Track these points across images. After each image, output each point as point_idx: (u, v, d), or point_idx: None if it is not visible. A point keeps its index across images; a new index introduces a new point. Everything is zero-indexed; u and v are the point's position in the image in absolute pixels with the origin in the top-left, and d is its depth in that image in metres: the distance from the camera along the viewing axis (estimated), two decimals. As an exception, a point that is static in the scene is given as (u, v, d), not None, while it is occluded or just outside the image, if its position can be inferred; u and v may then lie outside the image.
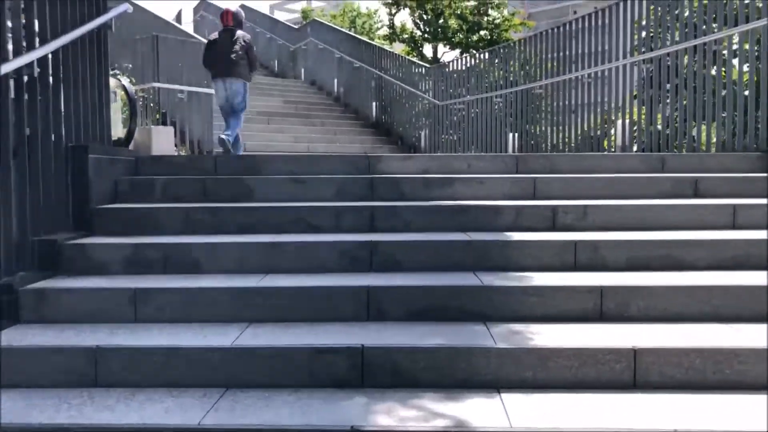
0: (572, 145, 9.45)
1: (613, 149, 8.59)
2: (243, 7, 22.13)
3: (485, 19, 14.79)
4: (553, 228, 4.80)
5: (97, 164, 4.87)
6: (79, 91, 4.91)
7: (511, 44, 11.11)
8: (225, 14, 9.22)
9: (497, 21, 14.93)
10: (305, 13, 22.54)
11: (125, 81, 10.07)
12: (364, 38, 15.49)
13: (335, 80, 16.13)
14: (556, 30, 9.86)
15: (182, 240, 4.47)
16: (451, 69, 12.67)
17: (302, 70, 17.72)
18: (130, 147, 10.31)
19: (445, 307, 3.81)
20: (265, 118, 13.30)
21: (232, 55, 8.82)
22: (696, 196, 5.35)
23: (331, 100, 15.86)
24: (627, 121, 8.49)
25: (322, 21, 17.71)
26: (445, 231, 4.75)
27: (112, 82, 10.28)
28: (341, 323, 3.74)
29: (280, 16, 67.58)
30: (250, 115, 13.19)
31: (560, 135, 9.74)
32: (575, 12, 72.72)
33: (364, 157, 5.86)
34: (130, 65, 11.37)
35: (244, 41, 8.92)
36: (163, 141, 10.11)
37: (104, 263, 4.31)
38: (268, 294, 3.85)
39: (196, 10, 25.91)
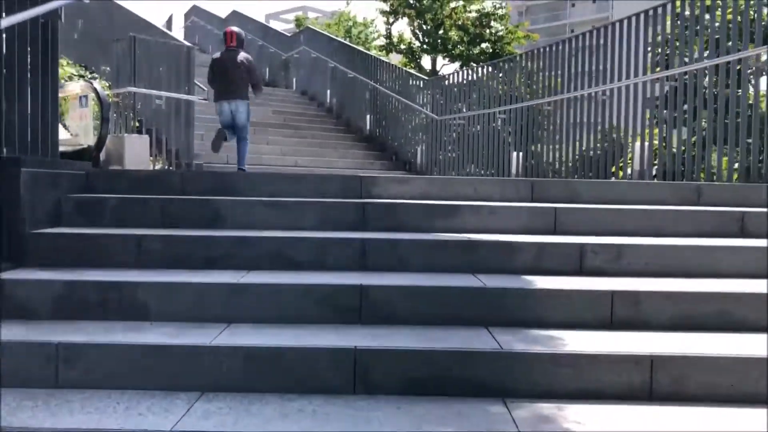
0: (584, 167, 8.65)
1: (630, 174, 7.80)
2: (235, 13, 21.37)
3: (487, 31, 14.08)
4: (581, 271, 3.98)
5: (34, 180, 4.01)
6: (14, 92, 4.07)
7: (517, 57, 10.34)
8: (229, 35, 9.36)
9: (500, 33, 14.19)
10: (299, 21, 21.72)
11: (97, 84, 9.23)
12: (360, 48, 14.74)
13: (328, 91, 15.33)
14: (566, 43, 9.10)
15: (129, 277, 3.61)
16: (450, 82, 11.89)
17: (294, 80, 16.92)
18: (102, 156, 9.47)
19: (452, 378, 2.97)
20: (251, 128, 12.44)
21: (237, 79, 9.09)
22: (744, 234, 4.54)
23: (323, 112, 15.06)
24: (646, 143, 7.71)
25: (315, 29, 16.95)
26: (452, 271, 3.92)
27: (83, 85, 9.45)
28: (321, 397, 2.90)
29: (276, 26, 67.02)
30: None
31: (569, 156, 8.95)
32: (572, 30, 72.34)
33: (356, 178, 5.03)
34: (109, 68, 10.55)
35: (248, 62, 9.21)
36: (137, 151, 9.27)
37: (29, 305, 3.45)
38: (227, 354, 3.00)
39: (187, 15, 25.12)
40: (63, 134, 9.65)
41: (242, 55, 9.21)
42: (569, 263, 3.99)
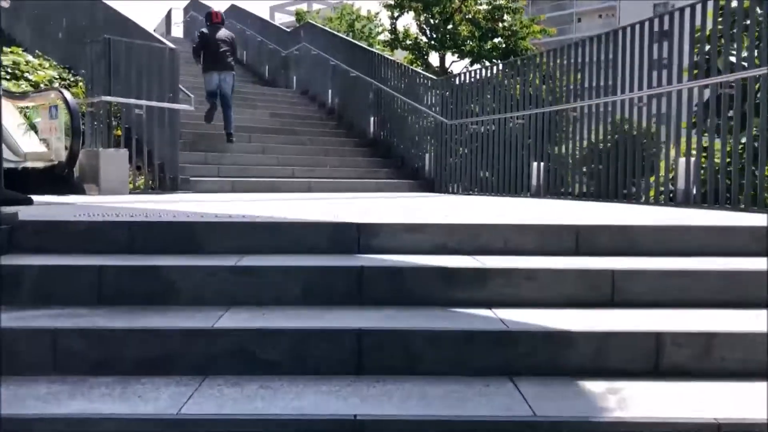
0: (614, 185, 7.52)
1: (672, 195, 6.66)
2: (234, 7, 20.17)
3: (500, 25, 12.87)
4: (657, 371, 2.87)
5: None
6: None
7: (538, 55, 9.19)
8: (214, 14, 11.00)
9: (514, 27, 12.98)
10: (300, 16, 20.47)
11: (67, 93, 8.15)
12: (363, 44, 13.57)
13: (329, 90, 14.19)
14: (595, 40, 7.94)
15: (26, 396, 2.52)
16: (461, 82, 10.75)
17: (294, 78, 15.77)
18: (75, 173, 8.40)
19: None
20: (246, 135, 11.34)
21: (225, 52, 10.50)
22: None
23: (324, 113, 13.92)
24: (692, 159, 6.57)
25: (315, 24, 15.77)
26: (481, 375, 2.82)
27: (53, 94, 8.36)
28: None
29: (280, 18, 65.68)
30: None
31: (601, 171, 7.80)
32: (579, 19, 70.92)
33: (352, 226, 3.91)
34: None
35: (231, 39, 10.73)
36: (114, 168, 8.21)
37: None
38: None
39: (186, 10, 23.96)
40: (38, 147, 8.59)
41: (226, 32, 10.68)
42: (642, 361, 2.88)
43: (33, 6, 14.18)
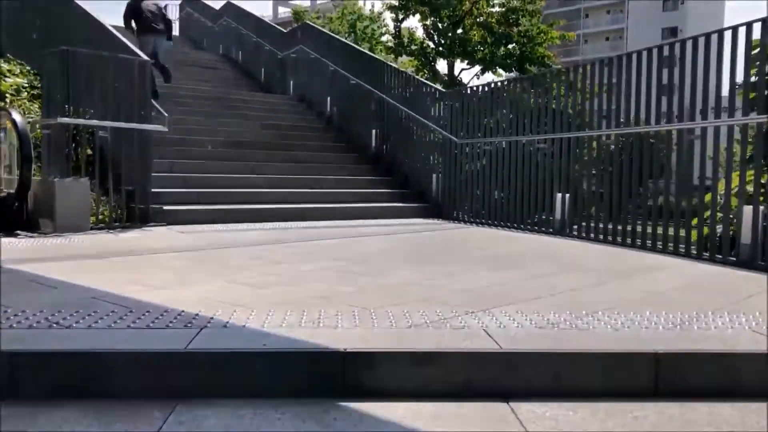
0: (649, 235, 6.29)
1: (736, 253, 5.43)
2: (230, 5, 18.91)
3: (515, 29, 11.56)
4: None
5: None
6: None
7: (569, 70, 7.94)
8: None
9: (531, 33, 11.64)
10: (297, 15, 18.99)
11: (16, 113, 6.95)
12: (364, 48, 12.33)
13: (328, 98, 12.95)
14: (645, 54, 6.70)
15: None
16: (474, 93, 9.51)
17: (291, 83, 14.52)
18: (29, 206, 7.20)
19: None
20: (234, 151, 10.12)
21: (158, 19, 11.37)
22: None
23: (322, 123, 12.68)
24: (761, 208, 5.33)
25: (313, 25, 14.47)
26: None
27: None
28: None
29: (284, 12, 64.01)
30: (214, 147, 10.07)
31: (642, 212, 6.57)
32: (587, 15, 69.45)
33: (336, 356, 2.68)
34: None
35: (157, 7, 11.57)
36: (73, 200, 7.00)
37: None
38: None
39: (181, 6, 22.69)
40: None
41: (153, 2, 11.52)
42: None
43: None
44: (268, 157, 10.30)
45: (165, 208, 7.77)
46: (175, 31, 23.96)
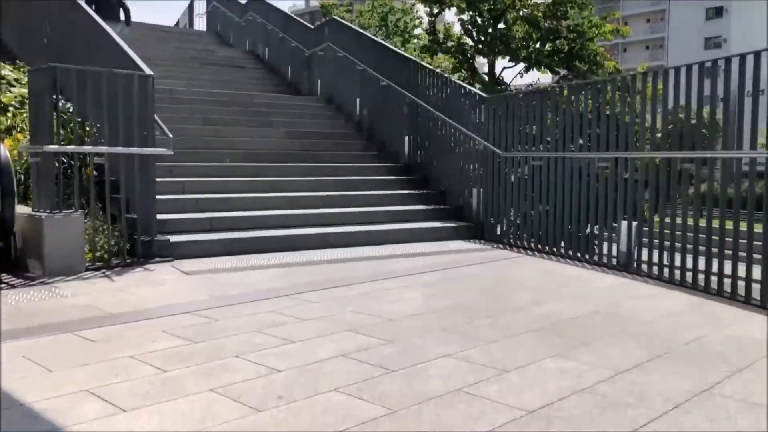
0: None
1: None
2: (256, -2, 17.82)
3: (563, 24, 10.22)
4: None
5: None
6: None
7: (640, 78, 6.72)
8: None
9: (581, 27, 10.29)
10: (325, 9, 17.73)
11: (-4, 143, 5.98)
12: (396, 42, 11.19)
13: (357, 100, 11.85)
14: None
15: None
16: (521, 98, 8.32)
17: (318, 83, 13.42)
18: (18, 243, 6.28)
19: None
20: (253, 166, 9.09)
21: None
22: None
23: (351, 128, 11.58)
24: None
25: (341, 21, 13.33)
26: None
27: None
28: None
29: (316, 4, 62.74)
30: (233, 160, 9.08)
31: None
32: (626, 23, 67.26)
33: None
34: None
35: None
36: (64, 238, 6.04)
37: None
38: None
39: (208, 0, 21.71)
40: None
41: None
42: None
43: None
44: (291, 171, 9.25)
45: (172, 240, 6.78)
46: (199, 26, 23.22)
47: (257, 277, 6.10)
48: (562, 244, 7.32)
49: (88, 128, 7.04)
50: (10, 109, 9.01)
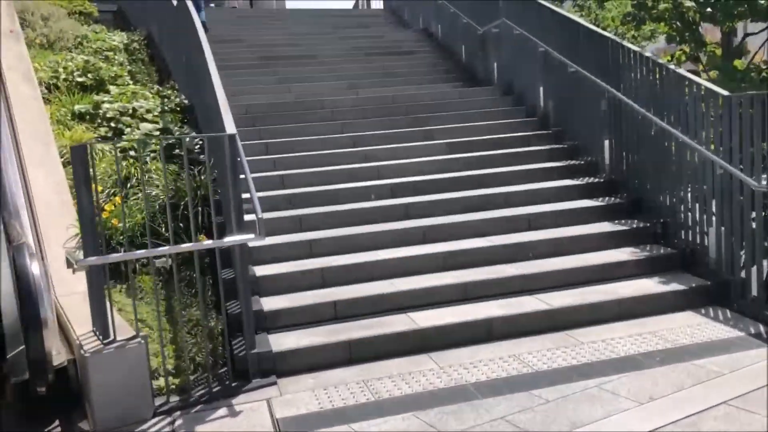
0: None
1: None
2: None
3: None
4: None
5: None
6: None
7: None
8: None
9: None
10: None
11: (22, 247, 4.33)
12: (587, 23, 8.24)
13: (540, 90, 9.11)
14: None
15: None
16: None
17: (494, 67, 10.77)
18: (77, 376, 4.67)
19: None
20: (403, 205, 6.86)
21: None
22: None
23: (534, 128, 8.84)
24: None
25: (517, -10, 10.50)
26: None
27: None
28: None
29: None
30: (379, 197, 6.97)
31: None
32: None
33: None
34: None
35: None
36: (119, 377, 4.42)
37: None
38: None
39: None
40: None
41: None
42: None
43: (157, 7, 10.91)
44: (449, 206, 6.89)
45: (277, 350, 4.81)
46: (379, 4, 21.06)
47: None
48: None
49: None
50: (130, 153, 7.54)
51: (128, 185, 6.76)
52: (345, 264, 5.82)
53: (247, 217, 4.89)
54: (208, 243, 4.78)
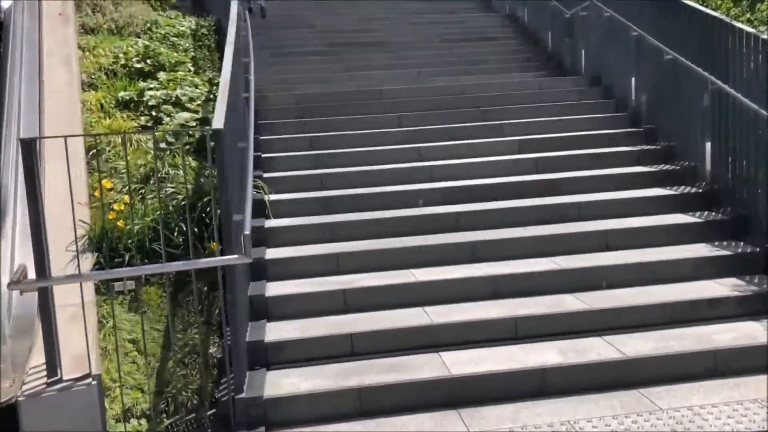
0: None
1: None
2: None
3: None
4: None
5: None
6: None
7: None
8: None
9: None
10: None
11: None
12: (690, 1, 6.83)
13: (632, 81, 7.73)
14: None
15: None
16: None
17: (582, 54, 9.40)
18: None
19: None
20: (454, 213, 5.75)
21: None
22: None
23: (624, 124, 7.48)
24: None
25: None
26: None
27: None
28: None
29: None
30: (428, 202, 5.91)
31: None
32: None
33: None
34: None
35: None
36: (62, 423, 3.53)
37: None
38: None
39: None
40: None
41: None
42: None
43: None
44: (509, 217, 5.73)
45: (271, 395, 3.89)
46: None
47: None
48: None
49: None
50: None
51: (150, 181, 6.04)
52: (372, 285, 4.83)
53: (254, 222, 4.01)
54: (178, 264, 3.91)
